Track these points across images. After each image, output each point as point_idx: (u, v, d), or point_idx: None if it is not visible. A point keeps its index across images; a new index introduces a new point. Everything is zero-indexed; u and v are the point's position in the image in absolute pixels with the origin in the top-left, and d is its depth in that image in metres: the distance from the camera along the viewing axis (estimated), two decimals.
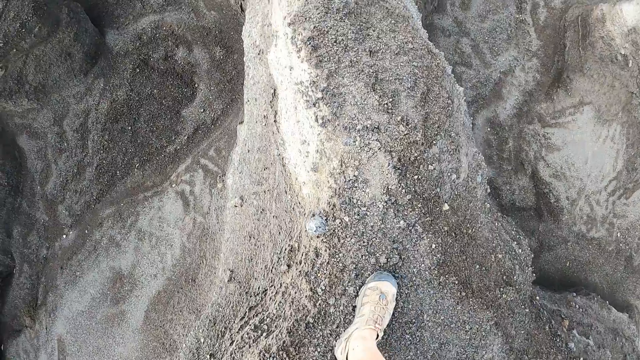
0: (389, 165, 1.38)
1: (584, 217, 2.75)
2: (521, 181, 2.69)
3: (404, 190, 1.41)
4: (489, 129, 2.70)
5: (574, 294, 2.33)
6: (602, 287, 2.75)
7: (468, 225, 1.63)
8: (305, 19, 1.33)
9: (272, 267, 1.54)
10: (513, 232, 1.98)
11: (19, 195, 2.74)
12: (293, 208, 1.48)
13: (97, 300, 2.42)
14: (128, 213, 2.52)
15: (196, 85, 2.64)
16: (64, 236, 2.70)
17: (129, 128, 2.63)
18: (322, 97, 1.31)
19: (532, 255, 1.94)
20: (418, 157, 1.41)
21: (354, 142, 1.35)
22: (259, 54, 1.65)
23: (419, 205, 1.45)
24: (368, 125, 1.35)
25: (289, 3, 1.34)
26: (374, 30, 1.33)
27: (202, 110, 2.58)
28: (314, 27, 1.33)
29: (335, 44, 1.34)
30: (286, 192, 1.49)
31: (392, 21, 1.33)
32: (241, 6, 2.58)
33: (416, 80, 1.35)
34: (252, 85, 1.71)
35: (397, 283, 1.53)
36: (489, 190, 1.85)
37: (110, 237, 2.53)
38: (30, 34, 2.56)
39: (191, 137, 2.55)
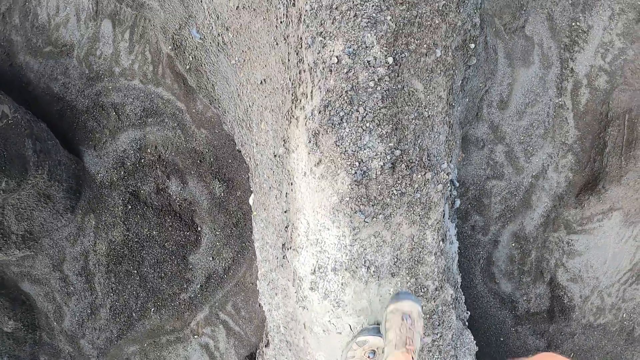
0: None
1: (593, 309, 2.84)
2: (539, 289, 2.70)
3: None
4: (513, 244, 2.58)
5: None
6: None
7: None
8: None
9: None
10: None
11: (37, 330, 2.73)
12: None
13: None
14: (154, 356, 2.57)
15: (199, 229, 2.42)
16: None
17: (135, 272, 2.49)
18: None
19: None
20: None
21: None
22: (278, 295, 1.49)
23: None
24: None
25: None
26: None
27: (210, 258, 2.41)
28: None
29: None
30: None
31: None
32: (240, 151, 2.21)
33: None
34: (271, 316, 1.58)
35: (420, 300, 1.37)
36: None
37: None
38: None
39: (204, 286, 2.44)
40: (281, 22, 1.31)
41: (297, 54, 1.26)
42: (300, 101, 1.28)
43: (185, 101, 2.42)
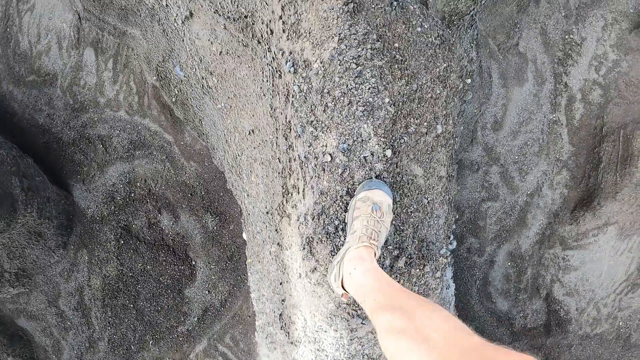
0: None
1: (590, 320, 2.86)
2: (535, 305, 2.70)
3: None
4: (509, 264, 2.58)
5: None
6: None
7: None
8: None
9: None
10: None
11: None
12: None
13: None
14: None
15: (193, 263, 2.39)
16: None
17: (131, 306, 2.48)
18: None
19: None
20: None
21: None
22: None
23: None
24: None
25: None
26: None
27: (206, 291, 2.39)
28: None
29: None
30: None
31: None
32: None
33: None
34: None
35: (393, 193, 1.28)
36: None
37: None
38: None
39: (201, 319, 2.43)
40: (267, 81, 1.25)
41: (285, 138, 1.20)
42: (292, 195, 1.22)
43: (173, 133, 2.37)
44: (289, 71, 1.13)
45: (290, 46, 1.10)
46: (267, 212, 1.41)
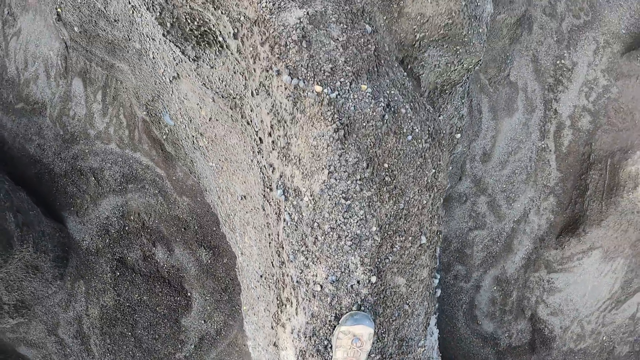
0: None
1: (574, 337, 2.96)
2: (520, 325, 2.80)
3: None
4: (495, 288, 2.65)
5: None
6: None
7: None
8: None
9: None
10: None
11: None
12: None
13: None
14: None
15: (189, 294, 2.45)
16: None
17: (129, 334, 2.55)
18: None
19: None
20: None
21: None
22: None
23: None
24: None
25: None
26: None
27: (202, 321, 2.46)
28: None
29: None
30: None
31: None
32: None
33: None
34: None
35: (374, 320, 1.40)
36: None
37: None
38: None
39: (198, 346, 2.51)
40: (257, 172, 1.25)
41: (278, 255, 1.23)
42: (286, 306, 1.26)
43: (164, 168, 2.38)
44: (280, 196, 1.15)
45: (280, 167, 1.11)
46: (261, 276, 1.46)
